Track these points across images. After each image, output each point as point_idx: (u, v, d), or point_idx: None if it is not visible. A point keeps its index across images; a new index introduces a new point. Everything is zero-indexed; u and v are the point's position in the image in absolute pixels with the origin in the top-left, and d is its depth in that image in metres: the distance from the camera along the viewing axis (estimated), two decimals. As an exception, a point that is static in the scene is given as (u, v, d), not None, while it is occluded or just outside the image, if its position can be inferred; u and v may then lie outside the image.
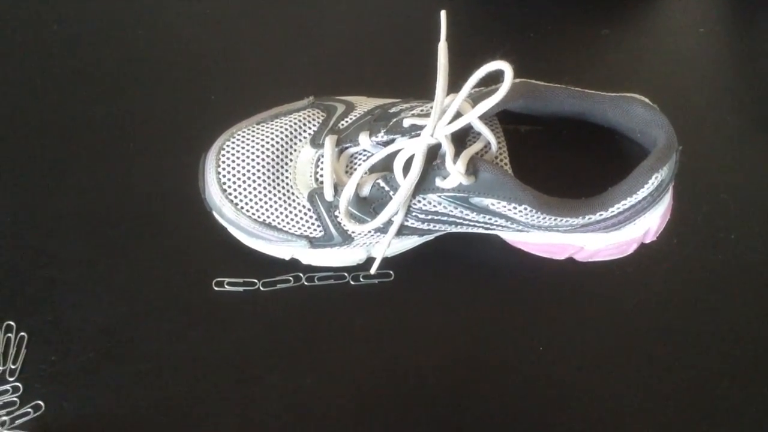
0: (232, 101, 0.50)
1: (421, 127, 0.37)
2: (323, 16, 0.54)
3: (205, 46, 0.53)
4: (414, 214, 0.39)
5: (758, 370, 0.44)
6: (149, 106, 0.51)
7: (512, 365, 0.44)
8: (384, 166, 0.39)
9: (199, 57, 0.53)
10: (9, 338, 0.43)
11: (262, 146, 0.40)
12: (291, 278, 0.45)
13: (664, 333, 0.45)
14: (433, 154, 0.37)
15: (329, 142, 0.40)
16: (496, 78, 0.33)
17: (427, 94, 0.36)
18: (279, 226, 0.41)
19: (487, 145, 0.38)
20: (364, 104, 0.43)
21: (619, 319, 0.45)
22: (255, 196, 0.40)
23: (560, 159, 0.43)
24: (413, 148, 0.36)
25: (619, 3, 0.55)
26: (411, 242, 0.44)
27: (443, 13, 0.36)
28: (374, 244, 0.43)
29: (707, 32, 0.54)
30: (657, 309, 0.45)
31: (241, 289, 0.45)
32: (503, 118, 0.40)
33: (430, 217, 0.39)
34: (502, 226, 0.40)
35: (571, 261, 0.45)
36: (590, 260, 0.45)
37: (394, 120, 0.39)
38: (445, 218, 0.39)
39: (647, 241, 0.43)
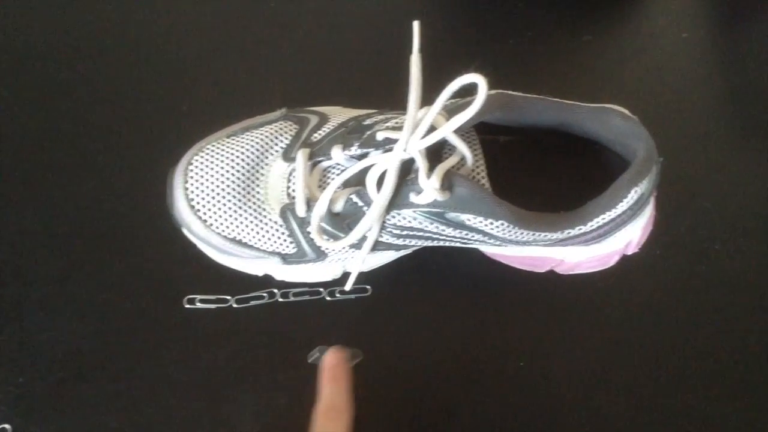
0: (204, 112, 0.49)
1: (395, 141, 0.36)
2: (296, 24, 0.53)
3: (175, 56, 0.52)
4: (389, 229, 0.38)
5: (743, 381, 0.43)
6: (118, 118, 0.49)
7: (493, 380, 0.43)
8: (358, 181, 0.37)
9: (170, 67, 0.51)
10: (-27, 360, 0.42)
11: (232, 161, 0.39)
12: (265, 294, 0.44)
13: (647, 345, 0.44)
14: (408, 168, 0.36)
15: (302, 155, 0.39)
16: (474, 87, 0.32)
17: (404, 105, 0.35)
18: (250, 243, 0.39)
19: (464, 158, 0.37)
20: (338, 115, 0.42)
21: (602, 332, 0.44)
22: (225, 212, 0.39)
23: (540, 170, 0.42)
24: (386, 163, 0.35)
25: (601, 8, 0.54)
26: (388, 257, 0.43)
27: (416, 24, 0.35)
28: (350, 259, 0.42)
29: (690, 37, 0.53)
30: (640, 321, 0.45)
31: (213, 306, 0.44)
32: (482, 129, 0.39)
33: (405, 232, 0.38)
34: (480, 241, 0.39)
35: (552, 273, 0.44)
36: (571, 272, 0.44)
37: (368, 133, 0.38)
38: (420, 233, 0.38)
39: (629, 252, 0.42)
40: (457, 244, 0.41)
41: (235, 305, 0.44)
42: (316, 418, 0.36)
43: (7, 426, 0.41)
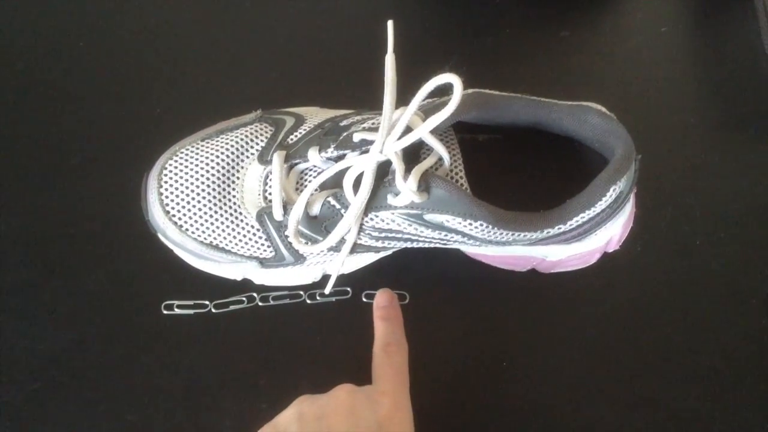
0: (178, 115, 0.48)
1: (371, 142, 0.35)
2: (270, 24, 0.52)
3: (148, 58, 0.51)
4: (367, 231, 0.38)
5: (725, 377, 0.43)
6: (90, 122, 0.48)
7: (475, 381, 0.43)
8: (335, 183, 0.37)
9: (143, 69, 0.50)
10: (-53, 371, 0.41)
11: (207, 164, 0.39)
12: (244, 299, 0.43)
13: (630, 342, 0.44)
14: (385, 169, 0.36)
15: (277, 158, 0.38)
16: (451, 87, 0.32)
17: (381, 104, 0.34)
18: (227, 248, 0.39)
19: (441, 158, 0.36)
20: (314, 116, 0.41)
21: (584, 330, 0.44)
22: (200, 217, 0.38)
23: (518, 169, 0.42)
24: (362, 165, 0.35)
25: (579, 3, 0.54)
26: (367, 258, 0.43)
27: (390, 24, 0.34)
28: (329, 262, 0.41)
29: (669, 32, 0.53)
30: (622, 318, 0.44)
31: (191, 311, 0.43)
32: (460, 127, 0.39)
33: (384, 234, 0.38)
34: (460, 242, 0.39)
35: (533, 272, 0.44)
36: (553, 271, 0.44)
37: (345, 134, 0.37)
38: (399, 235, 0.38)
39: (610, 250, 0.42)
40: (437, 245, 0.40)
41: (214, 310, 0.43)
42: (375, 355, 0.38)
43: (-17, 437, 0.40)
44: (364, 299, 0.44)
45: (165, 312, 0.43)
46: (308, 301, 0.44)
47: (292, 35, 0.52)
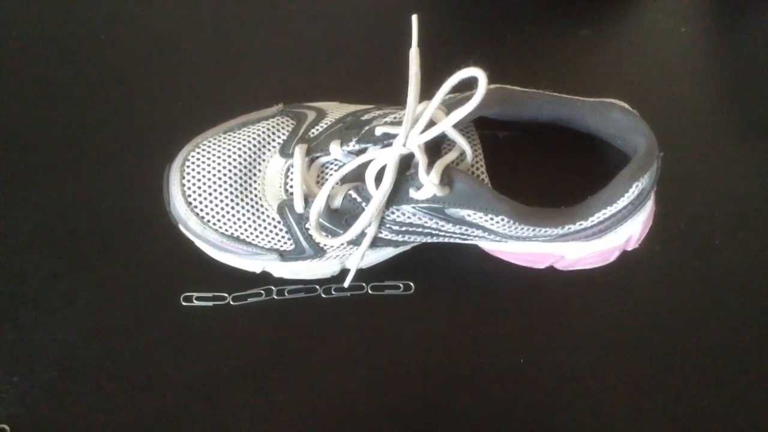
0: (200, 108, 0.48)
1: (394, 136, 0.35)
2: (293, 18, 0.52)
3: (171, 52, 0.51)
4: (388, 225, 0.38)
5: (743, 377, 0.43)
6: (113, 114, 0.49)
7: (492, 378, 0.43)
8: (356, 177, 0.37)
9: (165, 62, 0.51)
10: (-32, 359, 0.42)
11: (229, 156, 0.39)
12: (263, 291, 0.44)
13: (647, 341, 0.44)
14: (407, 163, 0.36)
15: (299, 151, 0.38)
16: (473, 82, 0.32)
17: (402, 99, 0.34)
18: (248, 240, 0.39)
19: (463, 153, 0.36)
20: (335, 111, 0.41)
21: (601, 329, 0.44)
22: (222, 209, 0.38)
23: (539, 165, 0.42)
24: (385, 158, 0.35)
25: (600, 2, 0.54)
26: (386, 253, 0.43)
27: (414, 18, 0.34)
28: (348, 256, 0.41)
29: (689, 31, 0.53)
30: (640, 317, 0.44)
31: (210, 303, 0.43)
32: (480, 124, 0.39)
33: (404, 228, 0.38)
34: (480, 237, 0.39)
35: (551, 270, 0.44)
36: (571, 269, 0.44)
37: (366, 128, 0.37)
38: (420, 229, 0.38)
39: (629, 248, 0.42)
40: (457, 240, 0.40)
41: (232, 302, 0.43)
42: None
43: (5, 426, 0.40)
44: (370, 291, 0.44)
45: (184, 303, 0.43)
46: (323, 296, 0.44)
47: (314, 30, 0.52)
